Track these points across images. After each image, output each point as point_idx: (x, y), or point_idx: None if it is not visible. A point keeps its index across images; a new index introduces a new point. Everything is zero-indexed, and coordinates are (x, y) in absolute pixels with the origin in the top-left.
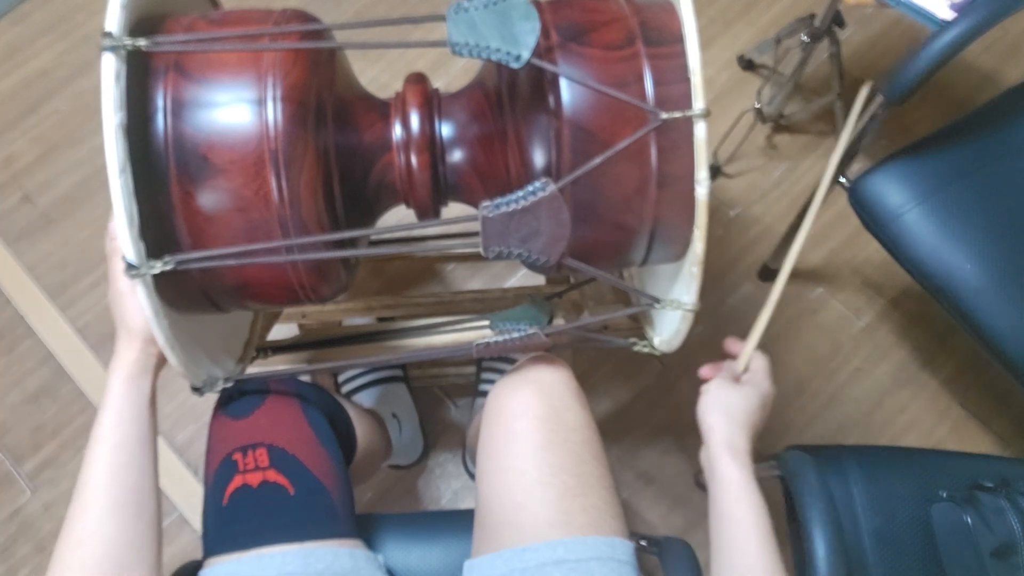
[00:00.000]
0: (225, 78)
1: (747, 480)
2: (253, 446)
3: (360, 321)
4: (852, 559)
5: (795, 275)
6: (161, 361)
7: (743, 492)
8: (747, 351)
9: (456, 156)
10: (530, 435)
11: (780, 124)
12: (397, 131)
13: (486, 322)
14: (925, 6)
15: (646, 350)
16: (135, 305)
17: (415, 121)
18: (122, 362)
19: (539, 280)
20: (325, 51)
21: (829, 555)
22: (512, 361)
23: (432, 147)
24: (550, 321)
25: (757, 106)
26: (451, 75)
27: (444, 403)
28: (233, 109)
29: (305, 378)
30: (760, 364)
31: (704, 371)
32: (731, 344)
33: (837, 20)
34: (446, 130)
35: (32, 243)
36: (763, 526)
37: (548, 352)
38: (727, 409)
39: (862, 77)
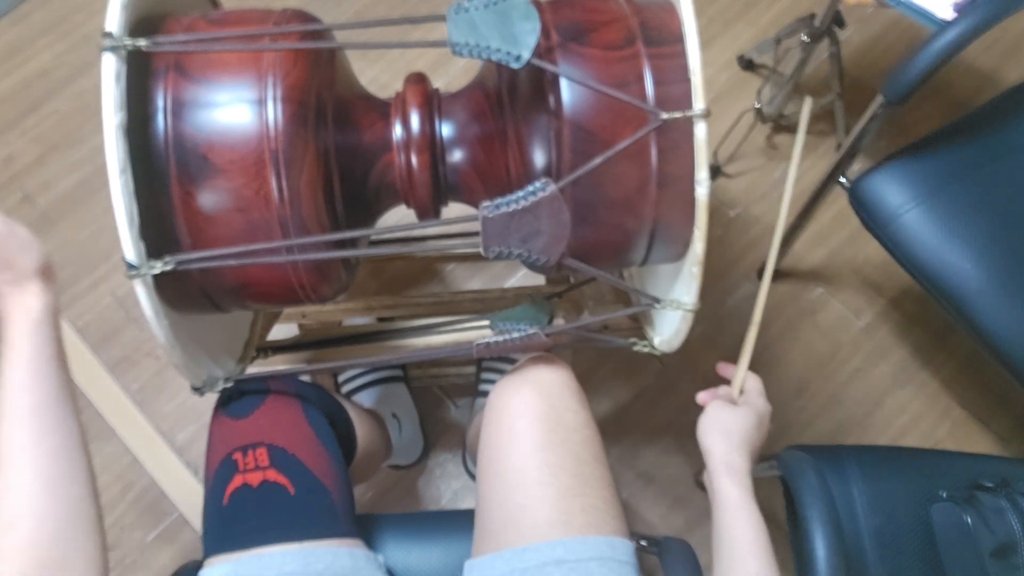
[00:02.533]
0: (225, 78)
1: (745, 499)
2: (253, 446)
3: (360, 321)
4: (852, 559)
5: (795, 275)
6: (57, 299)
7: (741, 511)
8: (740, 374)
9: (456, 156)
10: (530, 435)
11: (780, 124)
12: (397, 131)
13: (486, 322)
14: (925, 6)
15: (646, 350)
16: (21, 237)
17: (415, 121)
18: (23, 309)
19: (539, 280)
20: (325, 51)
21: (829, 555)
22: (512, 361)
23: (432, 147)
24: (550, 321)
25: (757, 106)
26: (451, 75)
27: (444, 403)
28: (233, 109)
29: (305, 378)
30: (753, 384)
31: (701, 397)
32: (723, 368)
33: (837, 20)
34: (446, 130)
35: None
36: (761, 543)
37: (548, 352)
38: (725, 430)
39: (862, 77)
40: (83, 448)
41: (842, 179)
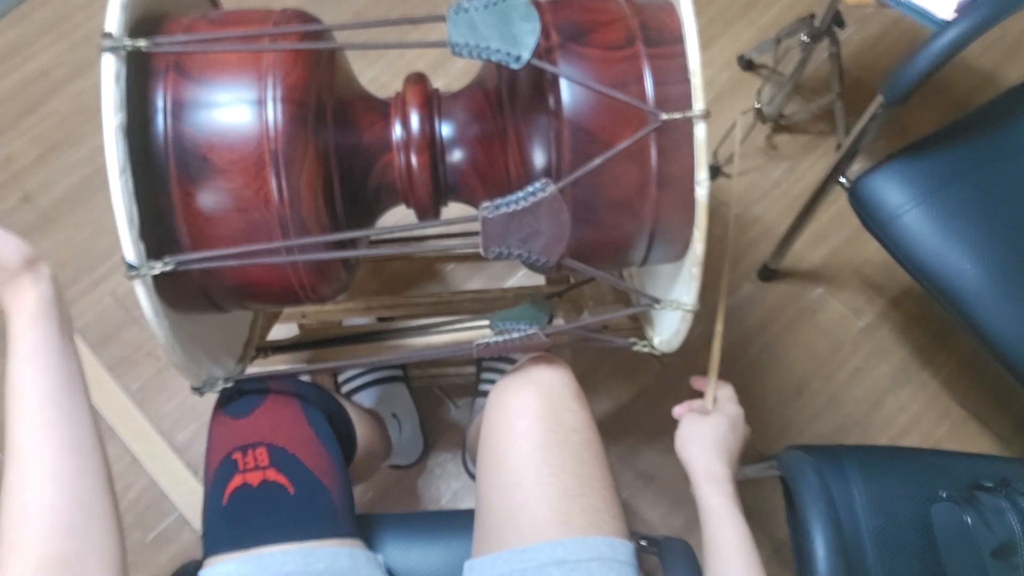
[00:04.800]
0: (225, 78)
1: (727, 506)
2: (253, 445)
3: (360, 321)
4: (852, 559)
5: (795, 275)
6: (57, 287)
7: (725, 518)
8: (711, 386)
9: (456, 156)
10: (530, 435)
11: (780, 124)
12: (397, 131)
13: (486, 322)
14: (925, 6)
15: (646, 350)
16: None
17: (415, 121)
18: (18, 306)
19: (539, 280)
20: (325, 51)
21: (829, 555)
22: (512, 361)
23: (432, 147)
24: (550, 321)
25: (757, 106)
26: (451, 75)
27: (444, 403)
28: (233, 109)
29: (305, 378)
30: (724, 392)
31: (676, 411)
32: (697, 382)
33: (837, 20)
34: (446, 130)
35: (32, 243)
36: (745, 546)
37: (548, 352)
38: (700, 440)
39: (862, 77)
40: (95, 439)
41: (842, 179)
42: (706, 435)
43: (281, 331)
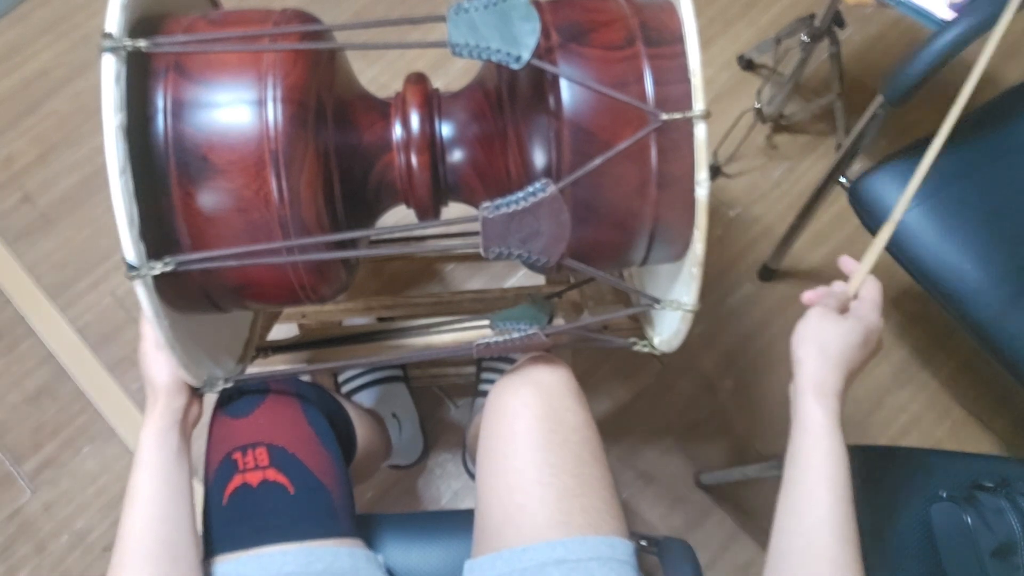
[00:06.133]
0: (225, 79)
1: (830, 425)
2: (253, 445)
3: (360, 321)
4: None
5: (795, 275)
6: (188, 414)
7: (824, 438)
8: (860, 274)
9: (456, 156)
10: (530, 435)
11: (780, 124)
12: (397, 131)
13: (486, 322)
14: (925, 6)
15: (646, 350)
16: (158, 363)
17: (415, 121)
18: (149, 418)
19: (539, 280)
20: (325, 51)
21: None
22: (512, 361)
23: (432, 147)
24: (550, 321)
25: (757, 106)
26: (451, 75)
27: (444, 403)
28: (233, 110)
29: (305, 378)
30: (871, 292)
31: (807, 296)
32: (845, 262)
33: (837, 20)
34: (446, 130)
35: (32, 243)
36: (840, 478)
37: (548, 352)
38: (822, 343)
39: (862, 77)
40: (192, 540)
41: (842, 179)
42: (832, 338)
43: (281, 331)
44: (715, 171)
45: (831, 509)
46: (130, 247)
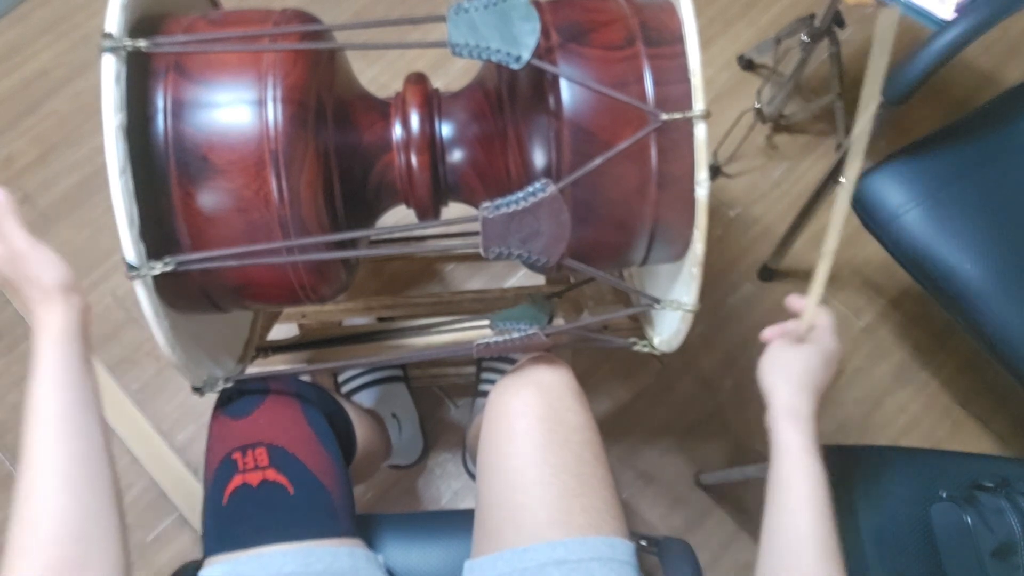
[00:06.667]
0: (225, 79)
1: (805, 447)
2: (253, 445)
3: (360, 321)
4: (852, 559)
5: (795, 275)
6: (87, 312)
7: (800, 459)
8: (809, 309)
9: (456, 156)
10: (530, 435)
11: (780, 124)
12: (397, 131)
13: (486, 322)
14: (925, 6)
15: (646, 350)
16: (43, 260)
17: (415, 121)
18: (44, 324)
19: (539, 280)
20: (325, 51)
21: None
22: (512, 361)
23: (432, 147)
24: (550, 321)
25: (757, 106)
26: (451, 75)
27: (444, 403)
28: (233, 110)
29: (305, 378)
30: (823, 320)
31: (766, 333)
32: (793, 301)
33: (837, 20)
34: (446, 130)
35: None
36: (819, 496)
37: (548, 352)
38: (787, 371)
39: (862, 77)
40: (105, 454)
41: (842, 179)
42: (795, 366)
43: (281, 331)
44: (715, 171)
45: (813, 526)
46: (130, 247)
